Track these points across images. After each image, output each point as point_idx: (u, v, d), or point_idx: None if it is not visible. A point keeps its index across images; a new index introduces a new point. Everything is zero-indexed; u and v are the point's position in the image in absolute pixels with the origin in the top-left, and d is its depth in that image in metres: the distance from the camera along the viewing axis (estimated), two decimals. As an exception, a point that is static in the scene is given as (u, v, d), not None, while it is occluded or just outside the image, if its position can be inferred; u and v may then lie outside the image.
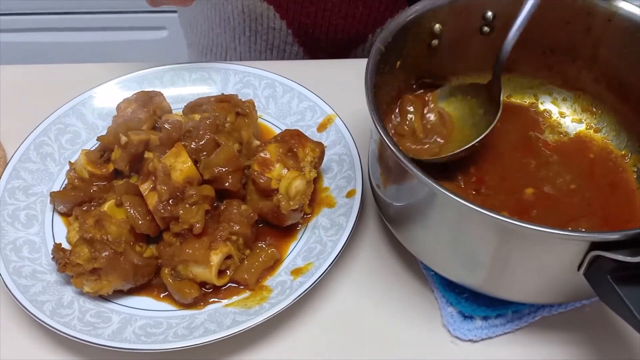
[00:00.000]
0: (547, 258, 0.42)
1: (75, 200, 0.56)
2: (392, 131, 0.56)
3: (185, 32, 0.90)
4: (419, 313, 0.52)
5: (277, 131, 0.62)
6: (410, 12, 0.53)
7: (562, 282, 0.44)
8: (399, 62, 0.54)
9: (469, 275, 0.47)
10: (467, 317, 0.50)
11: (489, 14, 0.56)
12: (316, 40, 0.77)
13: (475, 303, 0.50)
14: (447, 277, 0.49)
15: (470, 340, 0.50)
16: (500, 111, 0.54)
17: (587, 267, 0.41)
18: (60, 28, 1.52)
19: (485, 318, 0.50)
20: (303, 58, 0.80)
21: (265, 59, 0.81)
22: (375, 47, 0.50)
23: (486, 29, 0.57)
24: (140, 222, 0.52)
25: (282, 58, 0.80)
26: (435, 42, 0.56)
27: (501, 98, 0.54)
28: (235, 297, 0.52)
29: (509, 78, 0.60)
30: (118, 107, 0.61)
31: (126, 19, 1.50)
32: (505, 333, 0.50)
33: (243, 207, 0.53)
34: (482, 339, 0.50)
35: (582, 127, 0.59)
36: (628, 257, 0.38)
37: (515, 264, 0.44)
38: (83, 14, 1.49)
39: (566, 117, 0.60)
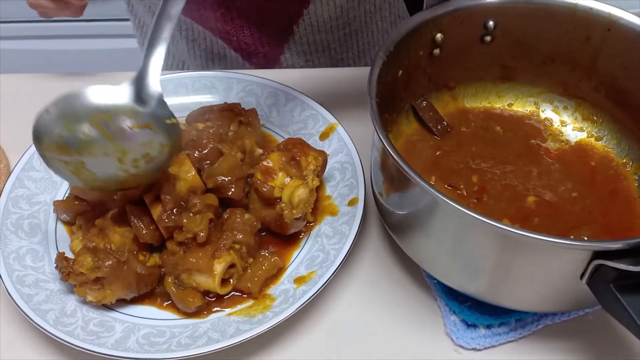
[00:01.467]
0: (549, 267, 0.43)
1: (78, 209, 0.56)
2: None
3: (140, 46, 0.89)
4: (422, 321, 0.52)
5: (280, 140, 0.63)
6: (412, 22, 0.53)
7: (565, 291, 0.44)
8: (400, 71, 0.55)
9: (472, 283, 0.47)
10: (470, 325, 0.50)
11: (490, 23, 0.56)
12: (243, 42, 0.76)
13: (479, 311, 0.50)
14: (450, 285, 0.49)
15: (473, 349, 0.50)
16: None
17: (590, 275, 0.41)
18: (63, 35, 1.53)
19: (488, 326, 0.50)
20: (243, 63, 0.79)
21: (211, 69, 0.80)
22: (377, 57, 0.50)
23: (487, 37, 0.57)
24: (144, 232, 0.52)
25: (225, 65, 0.80)
26: (436, 51, 0.56)
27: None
28: (239, 305, 0.52)
29: (509, 86, 0.61)
30: (121, 116, 0.61)
31: (129, 27, 1.50)
32: (509, 341, 0.50)
33: (246, 215, 0.54)
34: (486, 348, 0.50)
35: (583, 136, 0.59)
36: (631, 266, 0.38)
37: (518, 272, 0.44)
38: (86, 21, 1.50)
39: (567, 125, 0.60)
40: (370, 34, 0.80)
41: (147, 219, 0.52)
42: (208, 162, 0.55)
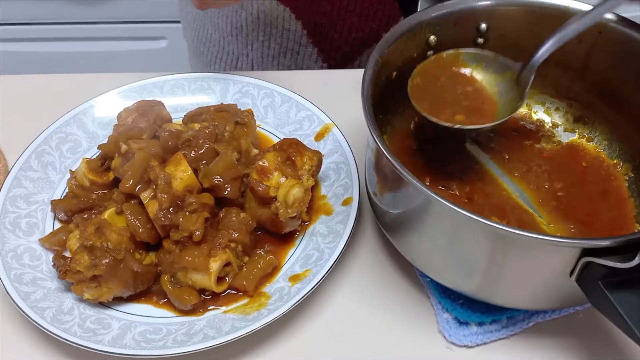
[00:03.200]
0: (539, 264, 0.43)
1: (76, 208, 0.57)
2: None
3: (190, 43, 0.90)
4: (415, 319, 0.53)
5: (276, 140, 0.63)
6: (406, 24, 0.54)
7: (554, 288, 0.45)
8: (395, 73, 0.55)
9: (464, 281, 0.48)
10: (462, 323, 0.51)
11: (483, 25, 0.57)
12: (330, 40, 0.78)
13: (471, 309, 0.51)
14: (442, 283, 0.50)
15: (465, 346, 0.51)
16: (524, 99, 0.53)
17: (579, 273, 0.42)
18: (61, 38, 1.53)
19: (480, 324, 0.51)
20: (317, 59, 0.80)
21: (279, 63, 0.82)
22: (371, 58, 0.51)
23: (480, 40, 0.58)
24: (140, 230, 0.52)
25: (296, 61, 0.81)
26: (430, 53, 0.57)
27: (527, 88, 0.53)
28: (234, 303, 0.52)
29: (502, 88, 0.62)
30: (119, 116, 0.62)
31: (126, 29, 1.51)
32: (500, 339, 0.51)
33: (242, 214, 0.54)
34: (478, 345, 0.51)
35: (574, 137, 0.60)
36: (618, 263, 0.39)
37: (509, 270, 0.45)
38: (84, 24, 1.51)
39: (559, 126, 0.61)
40: None
41: (143, 217, 0.53)
42: (204, 162, 0.55)
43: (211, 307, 0.52)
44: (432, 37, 0.56)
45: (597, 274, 0.41)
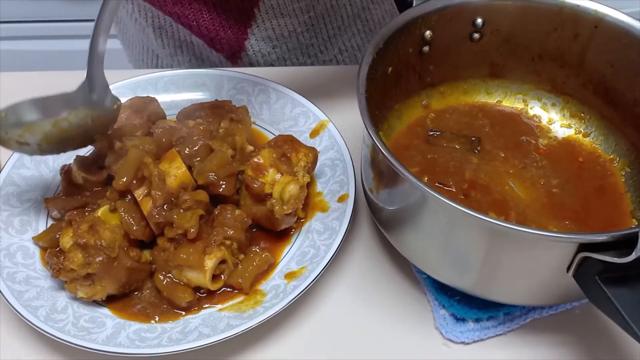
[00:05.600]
0: (536, 260, 0.43)
1: (69, 205, 0.56)
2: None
3: (123, 47, 0.89)
4: (411, 316, 0.52)
5: (271, 137, 0.63)
6: (401, 19, 0.54)
7: (552, 284, 0.45)
8: (390, 68, 0.55)
9: (461, 277, 0.47)
10: (459, 319, 0.51)
11: (479, 20, 0.57)
12: (204, 27, 0.74)
13: (467, 305, 0.51)
14: (439, 279, 0.50)
15: (462, 343, 0.50)
16: None
17: (576, 268, 0.42)
18: (55, 36, 1.52)
19: (477, 320, 0.51)
20: (209, 50, 0.77)
21: (183, 57, 0.79)
22: (366, 54, 0.51)
23: (476, 35, 0.58)
24: (134, 228, 0.52)
25: (193, 53, 0.78)
26: (426, 48, 0.57)
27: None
28: (230, 301, 0.52)
29: (498, 84, 0.62)
30: (112, 113, 0.61)
31: (120, 27, 1.50)
32: (497, 335, 0.51)
33: (237, 211, 0.54)
34: (474, 341, 0.51)
35: (571, 132, 0.60)
36: (616, 258, 0.39)
37: (506, 266, 0.44)
38: (78, 22, 1.50)
39: (555, 122, 0.61)
40: (339, 19, 0.77)
41: (137, 215, 0.52)
42: (199, 158, 0.55)
43: (206, 305, 0.52)
44: (428, 32, 0.56)
45: (594, 269, 0.41)
